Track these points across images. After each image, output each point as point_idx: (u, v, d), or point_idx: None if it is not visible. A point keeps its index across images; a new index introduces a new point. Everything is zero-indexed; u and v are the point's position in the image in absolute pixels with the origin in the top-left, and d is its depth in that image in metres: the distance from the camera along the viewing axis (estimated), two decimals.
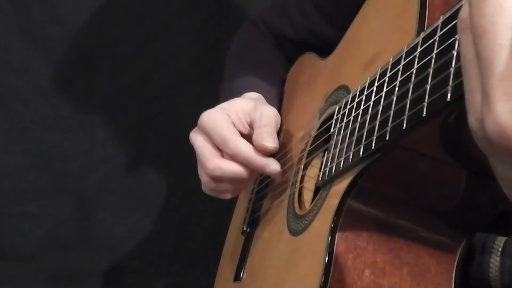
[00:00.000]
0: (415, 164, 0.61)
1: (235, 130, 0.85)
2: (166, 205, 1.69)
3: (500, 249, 0.70)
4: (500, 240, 0.71)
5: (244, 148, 0.83)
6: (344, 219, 0.65)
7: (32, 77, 1.59)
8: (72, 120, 1.63)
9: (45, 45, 1.59)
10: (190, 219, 1.67)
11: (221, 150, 0.86)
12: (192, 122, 0.89)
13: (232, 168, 0.84)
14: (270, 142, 0.82)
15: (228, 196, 0.90)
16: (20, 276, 1.61)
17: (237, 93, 0.98)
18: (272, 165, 0.83)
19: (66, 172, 1.63)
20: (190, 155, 0.90)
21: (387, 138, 0.57)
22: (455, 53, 0.48)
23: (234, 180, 0.85)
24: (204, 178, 0.88)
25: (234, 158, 0.83)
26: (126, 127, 1.67)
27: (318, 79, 0.93)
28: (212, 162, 0.84)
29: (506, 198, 0.64)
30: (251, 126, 0.87)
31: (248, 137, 0.86)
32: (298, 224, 0.78)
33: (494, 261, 0.70)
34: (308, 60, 1.03)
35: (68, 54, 1.61)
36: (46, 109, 1.61)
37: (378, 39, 0.73)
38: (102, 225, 1.65)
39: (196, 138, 0.87)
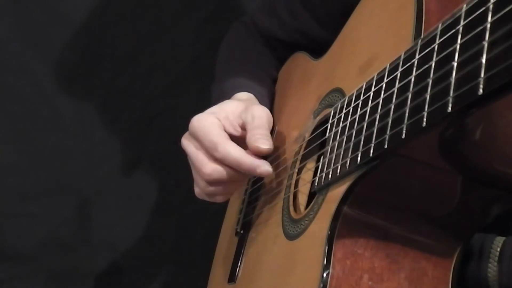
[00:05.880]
0: (412, 171, 0.61)
1: (224, 135, 0.84)
2: (166, 205, 1.70)
3: (498, 249, 0.70)
4: (499, 240, 0.71)
5: (233, 151, 0.82)
6: (341, 226, 0.65)
7: (32, 77, 1.59)
8: (72, 120, 1.63)
9: (45, 45, 1.59)
10: (190, 219, 1.67)
11: (212, 154, 0.86)
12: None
13: (228, 170, 0.84)
14: (264, 143, 0.81)
15: (221, 199, 0.90)
16: (20, 276, 1.61)
17: (227, 94, 0.98)
18: (263, 167, 0.82)
19: (66, 172, 1.63)
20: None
21: (386, 146, 0.57)
22: (455, 64, 0.48)
23: (230, 182, 0.85)
24: (200, 183, 0.88)
25: (224, 162, 0.83)
26: (126, 127, 1.67)
27: (311, 80, 0.93)
28: (208, 166, 0.84)
29: (501, 203, 0.65)
30: (243, 128, 0.86)
31: (240, 139, 0.86)
32: (294, 228, 0.78)
33: (493, 261, 0.70)
34: (300, 60, 1.02)
35: (68, 54, 1.61)
36: (46, 109, 1.61)
37: (374, 42, 0.73)
38: (102, 225, 1.65)
39: (188, 144, 0.87)
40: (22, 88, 1.59)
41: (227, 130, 0.86)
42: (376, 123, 0.59)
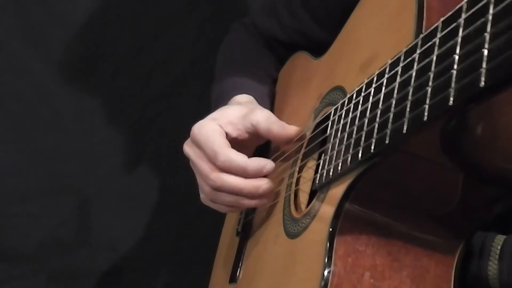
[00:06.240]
0: (413, 168, 0.61)
1: (225, 142, 0.84)
2: (166, 205, 1.69)
3: (499, 248, 0.70)
4: (499, 239, 0.71)
5: (237, 157, 0.82)
6: (342, 223, 0.65)
7: (32, 77, 1.59)
8: (72, 120, 1.62)
9: (45, 45, 1.58)
10: (190, 219, 1.67)
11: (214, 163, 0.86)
12: (192, 122, 0.89)
13: (232, 178, 0.83)
14: (291, 127, 0.85)
15: (226, 209, 0.90)
16: (20, 276, 1.61)
17: (227, 96, 0.98)
18: (269, 165, 0.83)
19: (66, 172, 1.62)
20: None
21: (387, 141, 0.56)
22: (456, 57, 0.48)
23: (233, 192, 0.85)
24: (205, 189, 0.87)
25: (227, 170, 0.83)
26: (126, 127, 1.66)
27: (312, 79, 0.93)
28: (213, 172, 0.84)
29: (502, 201, 0.65)
30: (250, 131, 0.87)
31: (242, 143, 0.86)
32: (295, 226, 0.78)
33: (493, 259, 0.70)
34: (301, 59, 1.02)
35: (68, 54, 1.60)
36: (46, 109, 1.61)
37: (374, 40, 0.72)
38: (102, 225, 1.65)
39: (190, 151, 0.87)
40: (22, 88, 1.59)
41: (231, 135, 0.86)
42: (377, 118, 0.59)
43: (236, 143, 0.85)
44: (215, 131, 0.85)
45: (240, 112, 0.88)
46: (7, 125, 1.58)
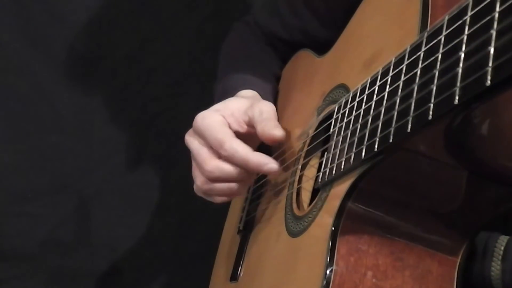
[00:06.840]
0: (417, 166, 0.61)
1: (230, 132, 0.84)
2: (166, 205, 1.69)
3: (502, 248, 0.70)
4: (503, 239, 0.71)
5: (241, 148, 0.82)
6: (345, 222, 0.64)
7: (32, 77, 1.59)
8: (72, 120, 1.62)
9: (45, 45, 1.58)
10: (190, 219, 1.67)
11: (218, 152, 0.85)
12: (192, 122, 0.89)
13: (231, 168, 0.83)
14: (279, 131, 0.82)
15: (219, 199, 0.89)
16: (20, 276, 1.60)
17: (231, 92, 0.97)
18: (271, 164, 0.82)
19: (66, 172, 1.62)
20: (190, 155, 0.90)
21: (391, 140, 0.56)
22: (462, 54, 0.47)
23: (231, 181, 0.85)
24: (199, 180, 0.88)
25: (230, 159, 0.83)
26: (126, 127, 1.66)
27: (315, 77, 0.92)
28: (210, 163, 0.84)
29: (507, 201, 0.64)
30: (249, 124, 0.86)
31: (245, 136, 0.86)
32: (297, 225, 0.78)
33: (496, 260, 0.70)
34: (304, 57, 1.02)
35: (68, 54, 1.60)
36: (46, 109, 1.60)
37: (378, 38, 0.72)
38: (102, 225, 1.65)
39: (192, 141, 0.87)
40: (22, 88, 1.59)
41: (232, 128, 0.86)
42: (381, 116, 0.59)
43: (238, 136, 0.85)
44: (219, 121, 0.85)
45: (243, 105, 0.88)
46: (7, 125, 1.58)
